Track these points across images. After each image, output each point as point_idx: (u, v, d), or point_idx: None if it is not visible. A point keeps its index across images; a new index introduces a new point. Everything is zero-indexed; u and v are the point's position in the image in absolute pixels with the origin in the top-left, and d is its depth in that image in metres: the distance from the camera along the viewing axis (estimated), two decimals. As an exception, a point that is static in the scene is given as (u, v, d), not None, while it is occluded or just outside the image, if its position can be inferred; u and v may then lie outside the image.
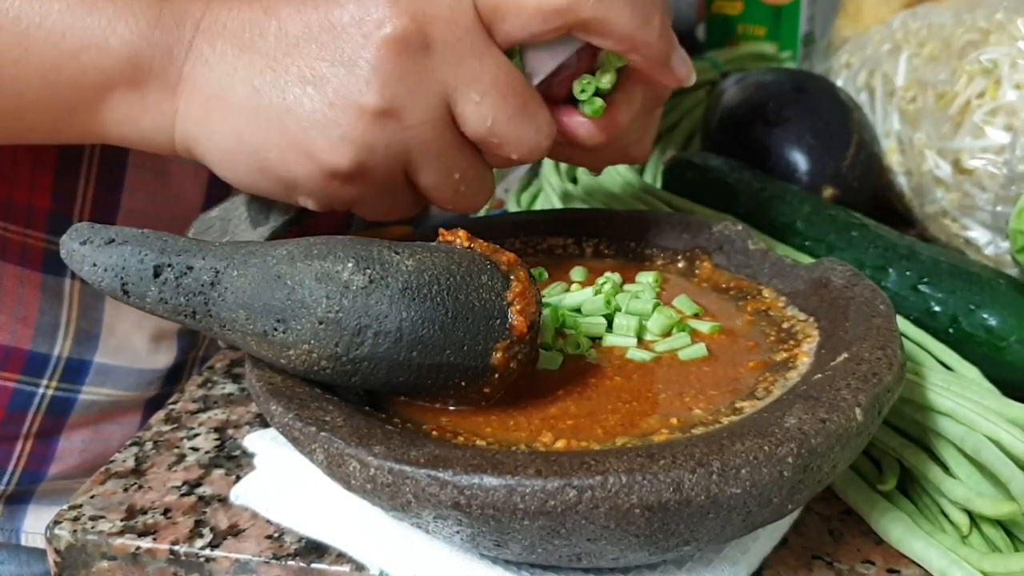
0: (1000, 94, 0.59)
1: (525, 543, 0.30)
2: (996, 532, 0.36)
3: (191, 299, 0.35)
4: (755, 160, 0.65)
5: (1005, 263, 0.59)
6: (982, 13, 0.63)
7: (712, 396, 0.36)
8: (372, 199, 0.41)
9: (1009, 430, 0.37)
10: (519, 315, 0.35)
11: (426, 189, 0.41)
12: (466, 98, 0.39)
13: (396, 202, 0.42)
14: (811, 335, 0.40)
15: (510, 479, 0.29)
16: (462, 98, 0.39)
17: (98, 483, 0.42)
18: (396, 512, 0.32)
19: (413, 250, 0.36)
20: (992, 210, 0.59)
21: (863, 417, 0.32)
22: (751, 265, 0.46)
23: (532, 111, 0.40)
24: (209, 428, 0.47)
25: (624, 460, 0.29)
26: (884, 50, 0.71)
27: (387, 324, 0.34)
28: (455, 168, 0.41)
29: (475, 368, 0.35)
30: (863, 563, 0.37)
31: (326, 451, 0.32)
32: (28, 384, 0.56)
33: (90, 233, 0.35)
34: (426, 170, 0.40)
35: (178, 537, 0.39)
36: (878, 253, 0.51)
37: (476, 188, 0.42)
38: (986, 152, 0.59)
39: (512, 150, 0.40)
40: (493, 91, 0.39)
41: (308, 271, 0.34)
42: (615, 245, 0.51)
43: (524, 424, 0.35)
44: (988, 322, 0.46)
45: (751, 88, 0.71)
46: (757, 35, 0.95)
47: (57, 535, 0.39)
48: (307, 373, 0.35)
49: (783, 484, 0.30)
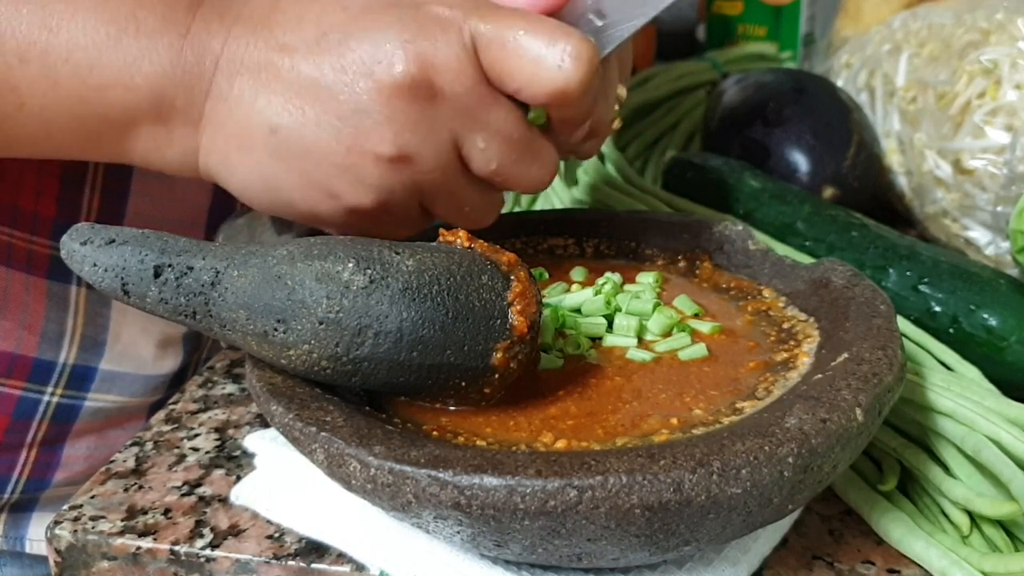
0: (1000, 94, 0.59)
1: (525, 543, 0.30)
2: (996, 532, 0.36)
3: (191, 299, 0.35)
4: (755, 160, 0.65)
5: (1005, 263, 0.59)
6: (982, 13, 0.63)
7: (712, 396, 0.36)
8: (390, 226, 0.43)
9: (1009, 430, 0.37)
10: (519, 315, 0.35)
11: (440, 216, 0.44)
12: (472, 144, 0.40)
13: (410, 225, 0.44)
14: (811, 335, 0.40)
15: (510, 479, 0.29)
16: (468, 143, 0.40)
17: (98, 483, 0.42)
18: (396, 512, 0.32)
19: (413, 250, 0.36)
20: (992, 210, 0.59)
21: (863, 417, 0.32)
22: (751, 265, 0.46)
23: (535, 152, 0.42)
24: (209, 428, 0.47)
25: (624, 460, 0.29)
26: (884, 50, 0.71)
27: (387, 324, 0.34)
28: (466, 202, 0.43)
29: (475, 368, 0.35)
30: (863, 563, 0.37)
31: (326, 451, 0.32)
32: (33, 392, 0.56)
33: (90, 233, 0.35)
34: (439, 203, 0.42)
35: (178, 537, 0.39)
36: (878, 253, 0.51)
37: (486, 212, 0.44)
38: (986, 152, 0.59)
39: (516, 186, 0.42)
40: (497, 138, 0.40)
41: (308, 271, 0.34)
42: (615, 245, 0.51)
43: (524, 424, 0.35)
44: (988, 322, 0.46)
45: (751, 88, 0.71)
46: (757, 35, 0.95)
47: (57, 535, 0.39)
48: (307, 373, 0.35)
49: (783, 484, 0.30)
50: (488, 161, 0.41)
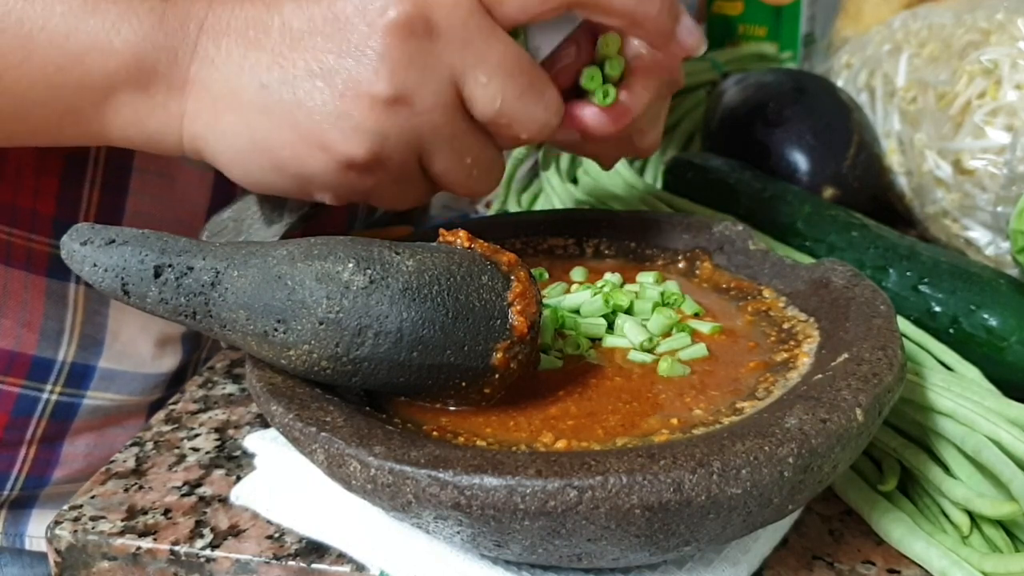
0: (1000, 94, 0.59)
1: (525, 543, 0.30)
2: (997, 533, 0.36)
3: (191, 299, 0.35)
4: (756, 160, 0.65)
5: (1005, 263, 0.59)
6: (982, 13, 0.63)
7: (712, 396, 0.36)
8: (387, 188, 0.41)
9: (1009, 430, 0.37)
10: (520, 315, 0.35)
11: (439, 175, 0.42)
12: (473, 80, 0.39)
13: (410, 190, 0.42)
14: (811, 335, 0.40)
15: (510, 479, 0.29)
16: (469, 80, 0.39)
17: (98, 483, 0.42)
18: (396, 512, 0.32)
19: (414, 250, 0.36)
20: (992, 210, 0.59)
21: (863, 417, 0.32)
22: (751, 265, 0.46)
23: (539, 89, 0.40)
24: (210, 428, 0.47)
25: (625, 460, 0.29)
26: (884, 50, 0.71)
27: (388, 324, 0.34)
28: (467, 152, 0.41)
29: (476, 368, 0.35)
30: (863, 563, 0.37)
31: (327, 451, 0.32)
32: (32, 389, 0.56)
33: (90, 234, 0.35)
34: (439, 155, 0.40)
35: (178, 537, 0.39)
36: (878, 253, 0.51)
37: (488, 171, 0.42)
38: (986, 152, 0.59)
39: (521, 129, 0.40)
40: (499, 72, 0.39)
41: (308, 271, 0.34)
42: (615, 245, 0.51)
43: (524, 424, 0.35)
44: (988, 322, 0.46)
45: (751, 88, 0.71)
46: (757, 35, 0.95)
47: (57, 535, 0.39)
48: (308, 373, 0.35)
49: (783, 484, 0.30)
50: (492, 98, 0.39)
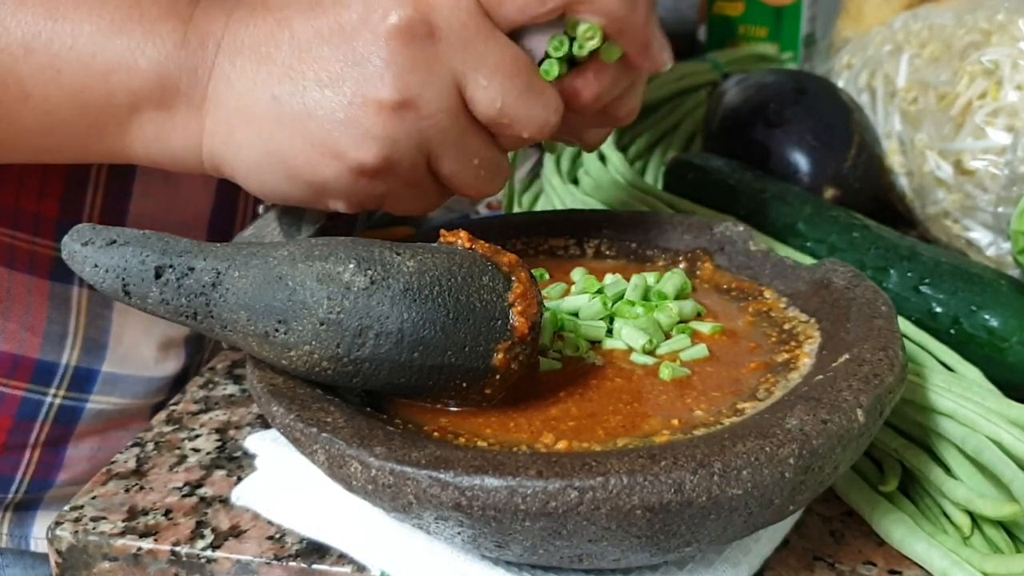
0: (1001, 95, 0.59)
1: (526, 544, 0.30)
2: (998, 533, 0.36)
3: (192, 300, 0.35)
4: (756, 161, 0.65)
5: (1006, 264, 0.59)
6: (983, 14, 0.63)
7: (713, 397, 0.36)
8: (399, 193, 0.42)
9: (1010, 431, 0.37)
10: (520, 316, 0.35)
11: (448, 177, 0.42)
12: (475, 82, 0.39)
13: (422, 194, 0.43)
14: (812, 336, 0.40)
15: (511, 480, 0.29)
16: (471, 83, 0.39)
17: (99, 484, 0.42)
18: (397, 513, 0.32)
19: (414, 251, 0.36)
20: (993, 211, 0.59)
21: (864, 418, 0.32)
22: (752, 266, 0.46)
23: (538, 89, 0.41)
24: (210, 429, 0.47)
25: (625, 461, 0.29)
26: (885, 51, 0.71)
27: (388, 325, 0.34)
28: (474, 153, 0.42)
29: (476, 369, 0.35)
30: (864, 564, 0.37)
31: (327, 452, 0.32)
32: (36, 393, 0.56)
33: (91, 234, 0.35)
34: (447, 158, 0.41)
35: (179, 538, 0.39)
36: (879, 254, 0.51)
37: (494, 171, 0.43)
38: (987, 153, 0.59)
39: (522, 128, 0.41)
40: (499, 73, 0.39)
41: (309, 272, 0.34)
42: (616, 246, 0.51)
43: (525, 425, 0.35)
44: (989, 323, 0.46)
45: (752, 89, 0.71)
46: (758, 36, 0.95)
47: (58, 536, 0.39)
48: (308, 374, 0.35)
49: (784, 485, 0.30)
50: (492, 99, 0.40)
